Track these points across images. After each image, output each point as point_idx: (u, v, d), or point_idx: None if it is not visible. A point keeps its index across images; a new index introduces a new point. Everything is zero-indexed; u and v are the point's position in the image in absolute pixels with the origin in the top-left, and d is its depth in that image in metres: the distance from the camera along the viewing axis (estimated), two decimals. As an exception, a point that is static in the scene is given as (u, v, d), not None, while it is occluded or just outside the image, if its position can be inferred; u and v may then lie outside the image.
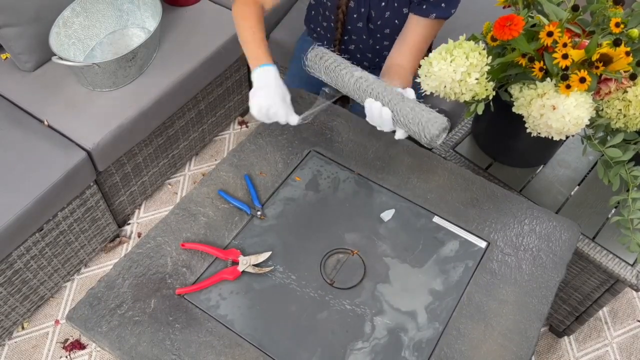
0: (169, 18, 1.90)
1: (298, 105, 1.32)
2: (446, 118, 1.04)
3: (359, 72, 1.10)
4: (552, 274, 1.06)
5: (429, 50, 1.54)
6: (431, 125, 1.01)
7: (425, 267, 1.07)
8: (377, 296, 1.02)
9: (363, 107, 1.54)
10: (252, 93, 1.13)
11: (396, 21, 1.33)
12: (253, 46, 1.22)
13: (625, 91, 1.07)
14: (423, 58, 1.14)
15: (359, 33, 1.40)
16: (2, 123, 1.59)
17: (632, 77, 1.04)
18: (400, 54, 1.27)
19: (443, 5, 1.21)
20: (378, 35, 1.38)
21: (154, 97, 1.68)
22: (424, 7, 1.22)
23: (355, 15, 1.36)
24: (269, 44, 2.04)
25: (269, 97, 1.11)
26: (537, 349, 1.71)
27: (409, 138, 1.12)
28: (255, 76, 1.16)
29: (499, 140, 1.38)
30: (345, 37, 1.44)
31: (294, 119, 1.13)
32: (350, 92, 1.11)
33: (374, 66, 1.50)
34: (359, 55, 1.48)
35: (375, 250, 1.09)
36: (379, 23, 1.35)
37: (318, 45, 1.16)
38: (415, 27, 1.25)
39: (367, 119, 1.10)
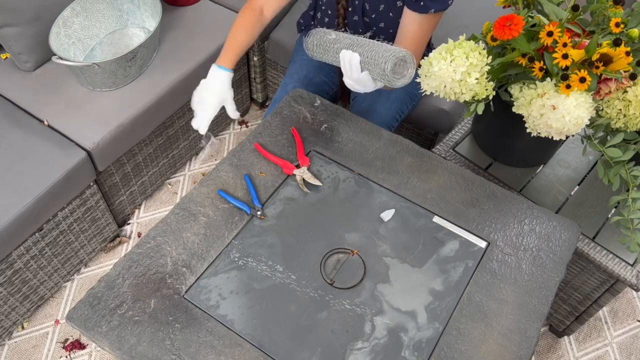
0: (169, 18, 1.90)
1: (298, 105, 1.33)
2: (404, 51, 1.11)
3: (336, 35, 1.23)
4: (552, 274, 1.06)
5: (429, 48, 1.54)
6: (385, 62, 1.09)
7: (425, 267, 1.07)
8: (377, 296, 1.02)
9: (363, 107, 1.54)
10: (202, 82, 1.25)
11: (390, 14, 1.33)
12: (227, 45, 1.29)
13: (625, 91, 1.07)
14: (425, 55, 1.15)
15: (356, 27, 1.40)
16: (2, 123, 1.59)
17: (632, 77, 1.04)
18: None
19: None
20: (374, 28, 1.38)
21: (154, 97, 1.68)
22: (422, 3, 1.21)
23: (350, 9, 1.36)
24: (269, 44, 2.05)
25: (203, 92, 1.24)
26: (537, 348, 1.71)
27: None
28: (210, 72, 1.26)
29: (499, 140, 1.38)
30: (343, 31, 1.44)
31: (202, 127, 1.24)
32: (333, 51, 1.23)
33: None
34: None
35: (375, 250, 1.09)
36: (373, 16, 1.35)
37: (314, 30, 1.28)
38: (414, 23, 1.25)
39: (344, 78, 1.21)
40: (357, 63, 1.14)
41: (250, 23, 1.31)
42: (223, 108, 1.28)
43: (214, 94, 1.23)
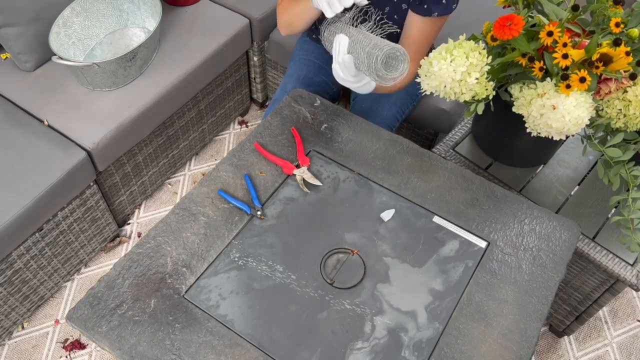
0: (169, 18, 1.90)
1: (298, 105, 1.33)
2: (396, 46, 1.06)
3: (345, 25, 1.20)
4: (552, 274, 1.06)
5: (430, 49, 1.54)
6: (379, 50, 1.05)
7: (425, 267, 1.07)
8: (377, 296, 1.02)
9: (363, 108, 1.54)
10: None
11: (395, 17, 1.33)
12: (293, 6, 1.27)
13: (625, 91, 1.07)
14: (427, 54, 1.14)
15: None
16: (2, 123, 1.59)
17: (632, 76, 1.04)
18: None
19: (444, 2, 1.20)
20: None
21: (154, 97, 1.68)
22: (425, 6, 1.22)
23: None
24: (269, 44, 2.05)
25: None
26: (537, 348, 1.71)
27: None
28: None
29: (499, 140, 1.38)
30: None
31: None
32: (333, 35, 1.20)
33: None
34: None
35: (375, 250, 1.09)
36: (378, 19, 1.35)
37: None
38: (417, 26, 1.25)
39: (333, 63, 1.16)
40: (345, 45, 1.11)
41: None
42: None
43: None
